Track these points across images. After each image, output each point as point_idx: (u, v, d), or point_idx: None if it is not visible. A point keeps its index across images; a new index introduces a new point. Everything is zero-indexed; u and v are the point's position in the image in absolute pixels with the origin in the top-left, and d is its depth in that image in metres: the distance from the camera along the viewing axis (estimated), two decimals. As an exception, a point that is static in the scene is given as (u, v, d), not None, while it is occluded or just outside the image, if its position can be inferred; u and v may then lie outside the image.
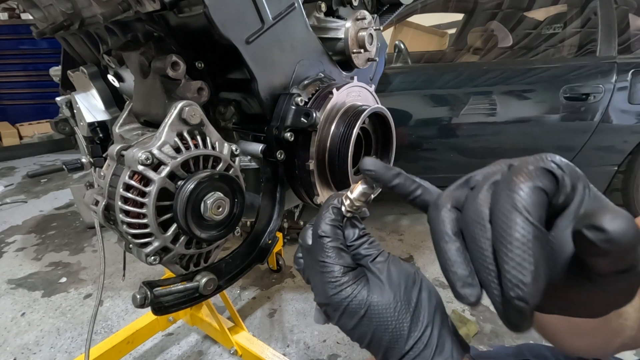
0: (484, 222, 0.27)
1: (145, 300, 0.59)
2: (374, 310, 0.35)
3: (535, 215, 0.25)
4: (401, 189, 0.36)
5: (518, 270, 0.24)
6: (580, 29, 2.31)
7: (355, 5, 0.87)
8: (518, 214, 0.24)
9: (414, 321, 0.35)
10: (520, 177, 0.26)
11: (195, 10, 0.61)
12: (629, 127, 2.20)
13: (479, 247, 0.27)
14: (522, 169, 0.26)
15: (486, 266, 0.27)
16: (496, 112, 2.17)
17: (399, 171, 0.36)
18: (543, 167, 0.26)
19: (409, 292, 0.36)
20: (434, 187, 0.36)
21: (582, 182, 0.27)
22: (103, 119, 0.87)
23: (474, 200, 0.28)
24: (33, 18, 0.87)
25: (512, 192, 0.25)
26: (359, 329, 0.36)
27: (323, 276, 0.37)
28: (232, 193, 0.63)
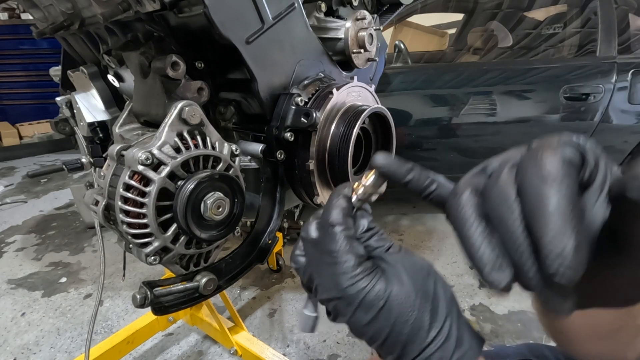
0: (511, 201, 0.25)
1: (145, 300, 0.59)
2: (394, 302, 0.32)
3: (568, 186, 0.23)
4: (415, 184, 0.34)
5: (559, 239, 0.22)
6: (580, 29, 2.31)
7: (355, 5, 0.87)
8: (550, 186, 0.23)
9: (434, 312, 0.33)
10: (546, 151, 0.24)
11: (195, 10, 0.61)
12: (629, 127, 2.20)
13: (508, 227, 0.25)
14: (545, 145, 0.25)
15: (519, 245, 0.25)
16: (496, 112, 2.17)
17: (412, 165, 0.34)
18: (567, 142, 0.25)
19: (426, 283, 0.34)
20: (448, 181, 0.34)
21: (604, 158, 0.26)
22: (103, 119, 0.87)
23: (496, 181, 0.27)
24: (33, 18, 0.87)
25: (540, 166, 0.24)
26: (376, 324, 0.33)
27: (335, 268, 0.34)
28: (232, 193, 0.63)
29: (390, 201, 2.98)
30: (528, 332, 1.68)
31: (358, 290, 0.33)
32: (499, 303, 1.85)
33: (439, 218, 2.72)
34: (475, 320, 1.73)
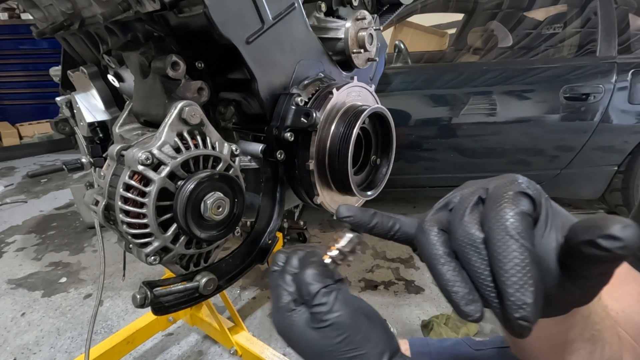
0: (477, 244, 0.29)
1: (145, 300, 0.59)
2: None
3: (528, 239, 0.27)
4: (380, 227, 0.37)
5: (521, 293, 0.26)
6: (580, 29, 2.31)
7: (355, 5, 0.87)
8: (513, 240, 0.27)
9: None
10: (504, 202, 0.28)
11: (195, 10, 0.61)
12: (629, 127, 2.20)
13: (476, 269, 0.29)
14: (502, 196, 0.29)
15: (486, 285, 0.29)
16: (496, 112, 2.17)
17: (374, 211, 0.37)
18: (520, 192, 0.29)
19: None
20: (409, 219, 0.37)
21: (544, 197, 0.30)
22: (103, 119, 0.87)
23: (461, 222, 0.30)
24: (33, 18, 0.86)
25: (503, 218, 0.28)
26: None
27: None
28: (232, 193, 0.63)
29: (390, 201, 2.98)
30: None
31: None
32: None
33: (439, 218, 2.72)
34: (475, 320, 1.73)
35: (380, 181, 0.82)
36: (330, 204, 0.77)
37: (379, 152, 0.83)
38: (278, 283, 0.39)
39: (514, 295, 0.26)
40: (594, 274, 0.29)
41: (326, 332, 0.34)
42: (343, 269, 2.17)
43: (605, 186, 2.37)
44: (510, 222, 0.27)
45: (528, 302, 0.26)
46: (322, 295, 0.35)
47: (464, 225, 0.30)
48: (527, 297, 0.26)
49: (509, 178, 0.31)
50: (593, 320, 0.41)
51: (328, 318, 0.34)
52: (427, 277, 2.08)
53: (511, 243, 0.27)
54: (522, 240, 0.27)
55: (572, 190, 2.39)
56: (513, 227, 0.27)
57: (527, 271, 0.26)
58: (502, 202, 0.28)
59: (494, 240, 0.28)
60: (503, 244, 0.27)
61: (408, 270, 2.16)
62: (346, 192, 0.74)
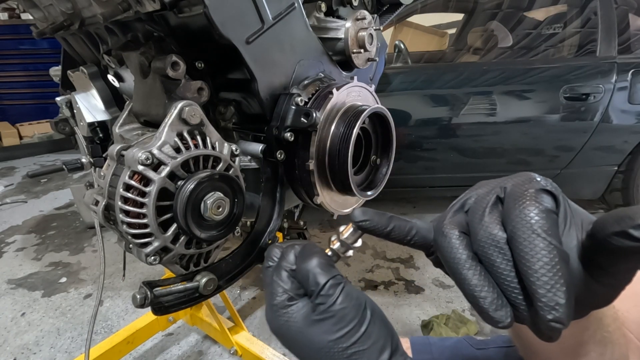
0: (501, 245, 0.28)
1: (145, 300, 0.59)
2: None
3: (556, 237, 0.26)
4: (398, 232, 0.35)
5: (553, 293, 0.25)
6: (580, 29, 2.31)
7: (355, 5, 0.87)
8: (541, 239, 0.26)
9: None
10: (527, 200, 0.27)
11: (195, 10, 0.61)
12: (629, 127, 2.20)
13: (501, 271, 0.28)
14: (524, 193, 0.28)
15: (513, 288, 0.27)
16: (496, 112, 2.17)
17: (390, 215, 0.36)
18: (542, 189, 0.28)
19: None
20: (424, 223, 0.36)
21: (561, 194, 0.29)
22: (103, 119, 0.87)
23: (481, 223, 0.29)
24: (33, 18, 0.86)
25: (528, 217, 0.26)
26: None
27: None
28: (232, 193, 0.63)
29: (390, 201, 2.98)
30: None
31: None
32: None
33: (439, 218, 2.72)
34: (475, 320, 1.73)
35: (380, 181, 0.82)
36: (330, 204, 0.77)
37: (379, 152, 0.83)
38: (273, 279, 0.37)
39: (545, 296, 0.25)
40: (622, 270, 0.28)
41: (328, 325, 0.33)
42: (343, 269, 2.17)
43: (605, 186, 2.37)
44: (535, 220, 0.26)
45: (561, 303, 0.25)
46: (329, 287, 0.34)
47: (485, 226, 0.29)
48: (560, 297, 0.25)
49: (525, 176, 0.30)
50: (605, 322, 0.41)
51: (332, 309, 0.33)
52: (427, 277, 2.08)
53: (538, 241, 0.26)
54: (550, 238, 0.26)
55: (572, 190, 2.39)
56: (539, 224, 0.26)
57: (558, 270, 0.25)
58: (524, 200, 0.27)
59: (520, 240, 0.26)
60: (530, 243, 0.26)
61: (408, 270, 2.15)
62: (346, 192, 0.74)
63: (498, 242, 0.28)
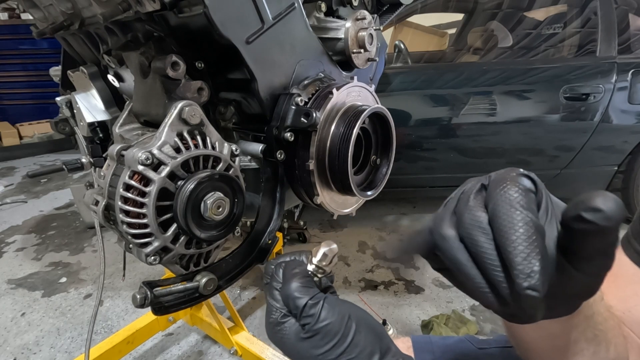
0: (484, 225, 0.29)
1: (145, 300, 0.59)
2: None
3: (532, 211, 0.28)
4: (414, 246, 0.36)
5: (528, 261, 0.26)
6: (580, 29, 2.31)
7: (355, 5, 0.87)
8: (518, 212, 0.27)
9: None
10: (508, 182, 0.29)
11: (195, 10, 0.61)
12: (629, 127, 2.20)
13: (484, 250, 0.29)
14: (505, 177, 0.30)
15: (493, 265, 0.28)
16: (496, 112, 2.17)
17: (408, 241, 0.36)
18: (522, 174, 0.30)
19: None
20: (419, 230, 0.36)
21: (543, 187, 0.31)
22: (103, 119, 0.87)
23: (466, 207, 0.31)
24: (33, 18, 0.86)
25: (507, 194, 0.28)
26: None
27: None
28: (232, 193, 0.63)
29: (390, 201, 2.98)
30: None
31: None
32: (499, 303, 1.85)
33: (439, 218, 2.72)
34: (475, 320, 1.73)
35: (380, 181, 0.82)
36: (330, 204, 0.77)
37: (379, 152, 0.83)
38: (267, 298, 0.41)
39: (521, 263, 0.26)
40: (594, 254, 0.29)
41: (315, 341, 0.36)
42: (343, 269, 2.17)
43: (605, 186, 2.37)
44: (514, 197, 0.28)
45: (535, 270, 0.26)
46: (309, 308, 0.37)
47: (469, 209, 0.30)
48: (534, 264, 0.26)
49: (509, 168, 0.32)
50: (596, 320, 0.41)
51: (316, 328, 0.36)
52: (427, 277, 2.08)
53: (516, 215, 0.27)
54: (526, 211, 0.27)
55: (572, 190, 2.39)
56: (517, 200, 0.28)
57: (533, 240, 0.26)
58: (505, 182, 0.29)
59: (499, 214, 0.28)
60: (508, 216, 0.27)
61: (408, 270, 2.16)
62: (346, 192, 0.74)
63: (481, 223, 0.29)
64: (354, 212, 0.84)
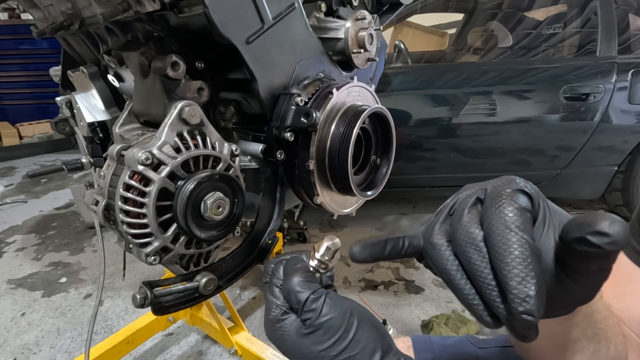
0: (477, 242, 0.29)
1: (145, 300, 0.59)
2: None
3: (528, 232, 0.27)
4: (394, 252, 0.37)
5: (523, 285, 0.26)
6: (580, 29, 2.31)
7: (355, 5, 0.87)
8: (513, 233, 0.27)
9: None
10: (504, 199, 0.29)
11: (195, 10, 0.61)
12: (629, 127, 2.20)
13: (477, 267, 0.29)
14: (501, 193, 0.29)
15: (487, 284, 0.29)
16: (496, 112, 2.17)
17: (385, 239, 0.37)
18: (519, 189, 0.29)
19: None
20: (413, 231, 0.37)
21: (542, 198, 0.30)
22: (103, 119, 0.87)
23: (460, 223, 0.31)
24: (33, 18, 0.86)
25: (502, 213, 0.28)
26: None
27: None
28: (232, 193, 0.63)
29: (390, 201, 2.98)
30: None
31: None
32: (499, 303, 1.85)
33: (439, 218, 2.72)
34: (475, 320, 1.73)
35: (380, 181, 0.82)
36: (330, 204, 0.77)
37: (379, 152, 0.83)
38: (267, 296, 0.40)
39: (516, 287, 0.26)
40: (591, 270, 0.29)
41: (317, 336, 0.35)
42: (343, 269, 2.17)
43: (605, 186, 2.37)
44: (509, 217, 0.27)
45: (531, 294, 0.26)
46: (311, 302, 0.36)
47: (463, 226, 0.30)
48: (530, 289, 0.26)
49: (506, 179, 0.31)
50: (596, 318, 0.41)
51: (318, 322, 0.35)
52: (427, 277, 2.08)
53: (511, 236, 0.27)
54: (522, 233, 0.27)
55: (572, 190, 2.39)
56: (512, 221, 0.27)
57: (528, 263, 0.26)
58: (501, 199, 0.29)
59: (494, 235, 0.28)
60: (503, 238, 0.27)
61: (408, 270, 2.16)
62: (346, 192, 0.74)
63: (475, 240, 0.29)
64: (354, 212, 0.84)
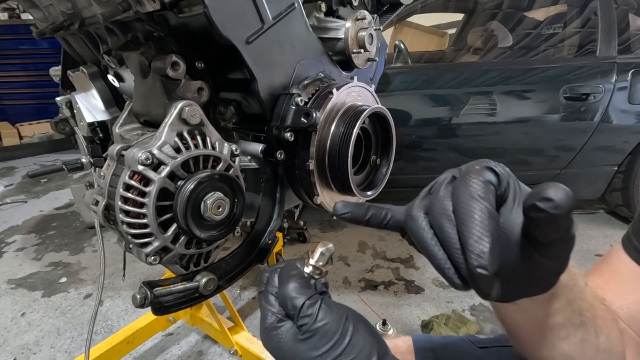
0: (449, 213, 0.33)
1: (145, 300, 0.59)
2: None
3: (488, 200, 0.31)
4: (375, 219, 0.41)
5: (479, 243, 0.29)
6: (580, 29, 2.31)
7: (355, 5, 0.87)
8: (475, 200, 0.31)
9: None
10: (472, 174, 0.32)
11: (195, 10, 0.61)
12: (629, 127, 2.20)
13: (447, 234, 0.33)
14: (470, 170, 0.33)
15: (454, 247, 0.32)
16: (496, 112, 2.17)
17: (368, 204, 0.42)
18: (486, 166, 0.33)
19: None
20: (398, 207, 0.41)
21: (512, 178, 0.34)
22: (103, 119, 0.87)
23: (436, 197, 0.35)
24: (33, 18, 0.86)
25: (468, 185, 0.32)
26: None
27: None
28: (232, 193, 0.63)
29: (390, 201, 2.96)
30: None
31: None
32: (499, 303, 1.85)
33: (439, 218, 2.72)
34: (475, 320, 1.73)
35: (380, 181, 0.82)
36: (330, 204, 0.77)
37: (379, 152, 0.83)
38: (262, 304, 0.42)
39: (473, 245, 0.29)
40: (553, 240, 0.31)
41: (313, 342, 0.36)
42: (343, 269, 2.17)
43: (605, 186, 2.37)
44: (473, 188, 0.31)
45: (485, 251, 0.29)
46: (307, 307, 0.37)
47: (438, 200, 0.34)
48: (485, 246, 0.29)
49: (480, 160, 0.35)
50: (580, 305, 0.43)
51: (314, 328, 0.36)
52: (427, 277, 2.08)
53: (472, 203, 0.31)
54: (482, 200, 0.31)
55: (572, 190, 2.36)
56: (475, 190, 0.31)
57: (485, 225, 0.30)
58: (469, 174, 0.32)
59: (460, 203, 0.32)
60: (467, 205, 0.31)
61: (408, 270, 2.16)
62: (346, 192, 0.74)
63: (447, 211, 0.33)
64: (354, 212, 0.84)
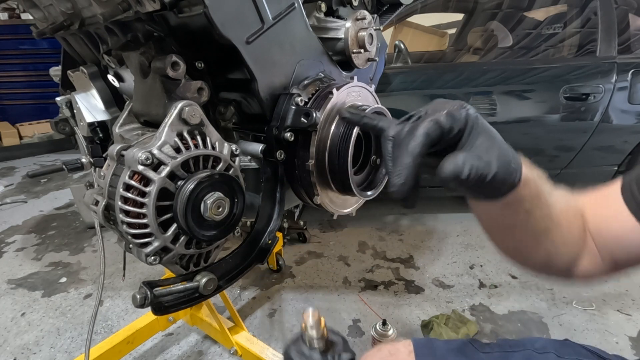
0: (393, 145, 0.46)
1: (145, 300, 0.59)
2: None
3: (424, 144, 0.43)
4: (368, 123, 0.55)
5: (394, 176, 0.44)
6: (580, 29, 2.30)
7: (355, 5, 0.87)
8: (411, 142, 0.43)
9: None
10: (422, 122, 0.44)
11: (195, 10, 0.61)
12: (629, 127, 2.20)
13: (396, 157, 0.45)
14: (427, 117, 0.45)
15: (390, 170, 0.45)
16: (496, 112, 2.17)
17: (364, 114, 0.58)
18: (436, 120, 0.44)
19: None
20: (387, 120, 0.52)
21: (473, 122, 0.47)
22: (103, 119, 0.87)
23: (401, 131, 0.46)
24: (33, 18, 0.87)
25: (414, 130, 0.44)
26: None
27: None
28: (232, 193, 0.63)
29: (390, 201, 2.98)
30: (528, 332, 1.68)
31: None
32: (499, 303, 1.85)
33: (439, 218, 2.72)
34: (475, 320, 1.73)
35: (380, 181, 0.82)
36: (330, 204, 0.77)
37: (379, 152, 0.83)
38: None
39: (391, 175, 0.44)
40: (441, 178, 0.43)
41: None
42: (343, 269, 2.17)
43: (605, 186, 2.37)
44: (415, 137, 0.43)
45: (397, 183, 0.43)
46: None
47: (405, 129, 0.45)
48: (399, 179, 0.43)
49: (456, 102, 0.46)
50: (541, 210, 0.54)
51: None
52: (427, 277, 2.08)
53: (409, 143, 0.43)
54: (416, 146, 0.42)
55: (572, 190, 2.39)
56: (415, 139, 0.43)
57: (408, 165, 0.43)
58: (422, 120, 0.44)
59: (402, 142, 0.44)
60: (404, 145, 0.43)
61: (408, 270, 2.16)
62: (346, 192, 0.74)
63: (392, 144, 0.46)
64: (354, 212, 0.84)
